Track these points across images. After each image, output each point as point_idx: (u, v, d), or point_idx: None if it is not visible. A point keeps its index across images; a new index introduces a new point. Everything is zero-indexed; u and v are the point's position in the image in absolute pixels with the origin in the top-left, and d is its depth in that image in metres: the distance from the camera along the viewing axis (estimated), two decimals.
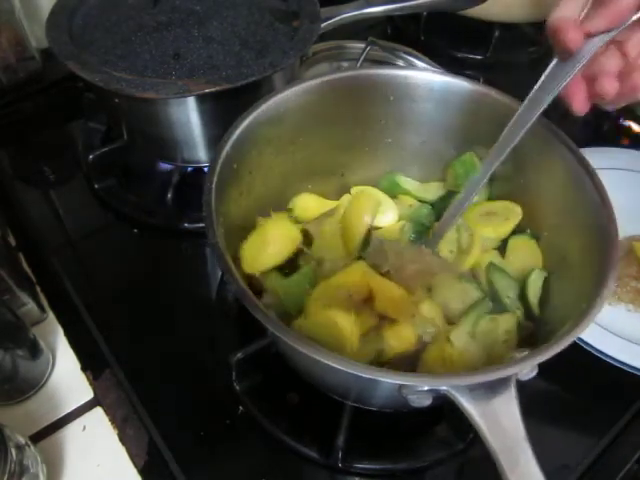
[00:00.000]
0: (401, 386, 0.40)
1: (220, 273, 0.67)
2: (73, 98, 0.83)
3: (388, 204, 0.66)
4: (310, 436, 0.56)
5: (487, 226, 0.62)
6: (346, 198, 0.66)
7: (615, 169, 0.75)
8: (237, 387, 0.58)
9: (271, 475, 0.54)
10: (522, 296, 0.58)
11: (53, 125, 0.86)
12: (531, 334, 0.56)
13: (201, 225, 0.73)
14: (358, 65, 0.88)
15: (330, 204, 0.65)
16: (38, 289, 0.65)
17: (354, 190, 0.67)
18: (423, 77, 0.61)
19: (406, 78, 0.60)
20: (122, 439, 0.56)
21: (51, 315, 0.64)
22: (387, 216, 0.66)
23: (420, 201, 0.67)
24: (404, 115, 0.63)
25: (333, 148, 0.63)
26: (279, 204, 0.63)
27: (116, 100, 0.67)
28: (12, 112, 0.85)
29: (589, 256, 0.50)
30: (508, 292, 0.58)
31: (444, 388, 0.39)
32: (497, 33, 0.97)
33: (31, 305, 0.61)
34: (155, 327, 0.64)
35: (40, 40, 0.83)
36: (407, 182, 0.68)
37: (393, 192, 0.67)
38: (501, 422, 0.39)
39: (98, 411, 0.57)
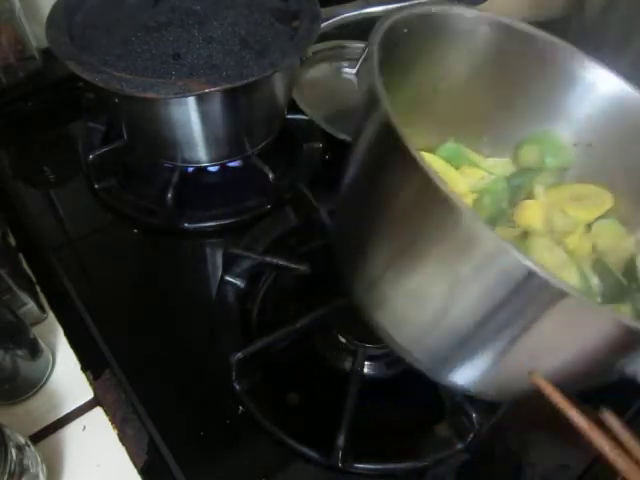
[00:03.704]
0: None
1: (220, 273, 0.67)
2: (73, 98, 0.83)
3: (453, 174, 0.57)
4: (310, 436, 0.56)
5: (579, 209, 0.55)
6: None
7: None
8: (237, 387, 0.58)
9: (271, 475, 0.54)
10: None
11: (53, 125, 0.86)
12: None
13: (201, 225, 0.73)
14: (358, 66, 0.88)
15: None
16: (38, 289, 0.65)
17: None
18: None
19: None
20: (122, 439, 0.56)
21: (51, 315, 0.64)
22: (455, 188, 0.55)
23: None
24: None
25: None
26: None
27: (116, 100, 0.67)
28: (12, 112, 0.85)
29: None
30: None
31: None
32: None
33: (31, 305, 0.60)
34: (155, 327, 0.64)
35: (40, 40, 0.82)
36: (471, 154, 0.59)
37: (456, 163, 0.58)
38: None
39: (98, 411, 0.57)
